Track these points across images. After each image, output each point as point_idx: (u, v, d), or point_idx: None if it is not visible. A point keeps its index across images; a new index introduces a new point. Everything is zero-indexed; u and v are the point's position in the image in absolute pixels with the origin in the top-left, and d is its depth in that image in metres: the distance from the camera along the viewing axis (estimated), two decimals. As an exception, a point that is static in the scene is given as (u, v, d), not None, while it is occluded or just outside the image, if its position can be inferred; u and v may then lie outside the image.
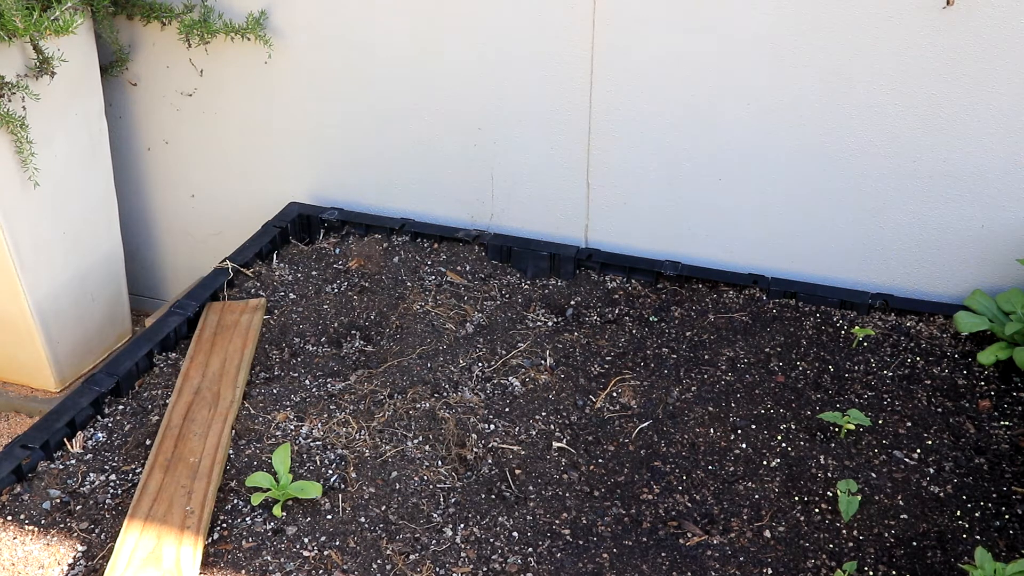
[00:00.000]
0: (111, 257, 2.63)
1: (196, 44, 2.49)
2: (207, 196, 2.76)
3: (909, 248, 2.18)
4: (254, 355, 2.05)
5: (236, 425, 1.86)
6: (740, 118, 2.16)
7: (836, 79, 2.07)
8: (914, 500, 1.71)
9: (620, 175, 2.31)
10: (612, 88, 2.22)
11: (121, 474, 1.78)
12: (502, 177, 2.41)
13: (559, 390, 1.95)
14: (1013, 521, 1.67)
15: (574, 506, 1.72)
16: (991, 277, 2.14)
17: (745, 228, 2.28)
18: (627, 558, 1.62)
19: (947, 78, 2.00)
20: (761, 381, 1.97)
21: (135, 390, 1.98)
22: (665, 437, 1.86)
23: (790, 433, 1.85)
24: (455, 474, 1.78)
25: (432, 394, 1.92)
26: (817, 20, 2.02)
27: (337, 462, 1.79)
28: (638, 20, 2.14)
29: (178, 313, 2.14)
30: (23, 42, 2.21)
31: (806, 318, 2.13)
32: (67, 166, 2.40)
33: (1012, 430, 1.85)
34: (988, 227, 2.11)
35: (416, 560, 1.61)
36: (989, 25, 1.93)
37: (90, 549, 1.63)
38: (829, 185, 2.17)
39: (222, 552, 1.62)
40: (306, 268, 2.32)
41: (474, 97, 2.34)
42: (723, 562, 1.61)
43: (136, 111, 2.69)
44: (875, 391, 1.94)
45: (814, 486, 1.74)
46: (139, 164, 2.77)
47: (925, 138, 2.06)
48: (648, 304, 2.20)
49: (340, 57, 2.40)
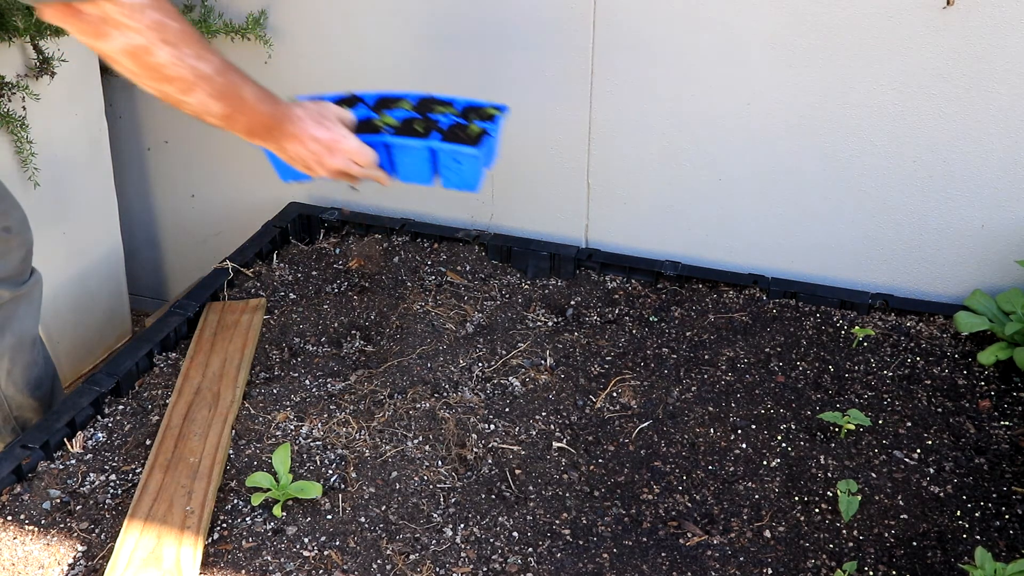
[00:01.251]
0: (111, 257, 2.63)
1: (196, 44, 2.49)
2: (207, 196, 2.76)
3: (909, 248, 2.18)
4: (254, 355, 2.05)
5: (236, 425, 1.87)
6: (740, 118, 2.16)
7: (836, 79, 2.07)
8: (914, 500, 1.71)
9: (620, 175, 2.32)
10: (612, 88, 2.22)
11: (121, 474, 1.78)
12: (502, 177, 2.41)
13: (559, 390, 1.95)
14: (1013, 521, 1.67)
15: (574, 506, 1.72)
16: (991, 277, 2.14)
17: (745, 228, 2.28)
18: (627, 558, 1.62)
19: (947, 78, 2.00)
20: (761, 381, 1.97)
21: (135, 390, 1.98)
22: (665, 437, 1.86)
23: (790, 433, 1.85)
24: (455, 474, 1.78)
25: (432, 394, 1.92)
26: (817, 20, 2.02)
27: (337, 462, 1.79)
28: (637, 19, 2.14)
29: (178, 313, 2.14)
30: (23, 42, 2.21)
31: (806, 318, 2.13)
32: (67, 166, 2.40)
33: (1012, 430, 1.85)
34: (988, 227, 2.11)
35: (416, 560, 1.61)
36: (989, 25, 1.93)
37: (90, 549, 1.63)
38: (829, 185, 2.17)
39: (222, 552, 1.62)
40: (306, 268, 2.32)
41: (475, 97, 2.34)
42: (723, 562, 1.61)
43: (136, 111, 2.69)
44: (875, 391, 1.94)
45: (814, 486, 1.74)
46: (139, 164, 2.77)
47: (925, 138, 2.06)
48: (648, 304, 2.20)
49: (340, 57, 2.40)
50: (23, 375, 2.01)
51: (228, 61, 1.57)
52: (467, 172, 1.76)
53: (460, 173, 1.76)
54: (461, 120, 1.82)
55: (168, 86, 1.50)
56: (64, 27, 1.43)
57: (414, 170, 1.77)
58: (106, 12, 1.39)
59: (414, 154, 1.74)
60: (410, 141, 1.74)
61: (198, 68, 1.49)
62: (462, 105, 1.89)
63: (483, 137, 1.77)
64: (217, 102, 1.54)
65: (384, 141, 1.73)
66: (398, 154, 1.76)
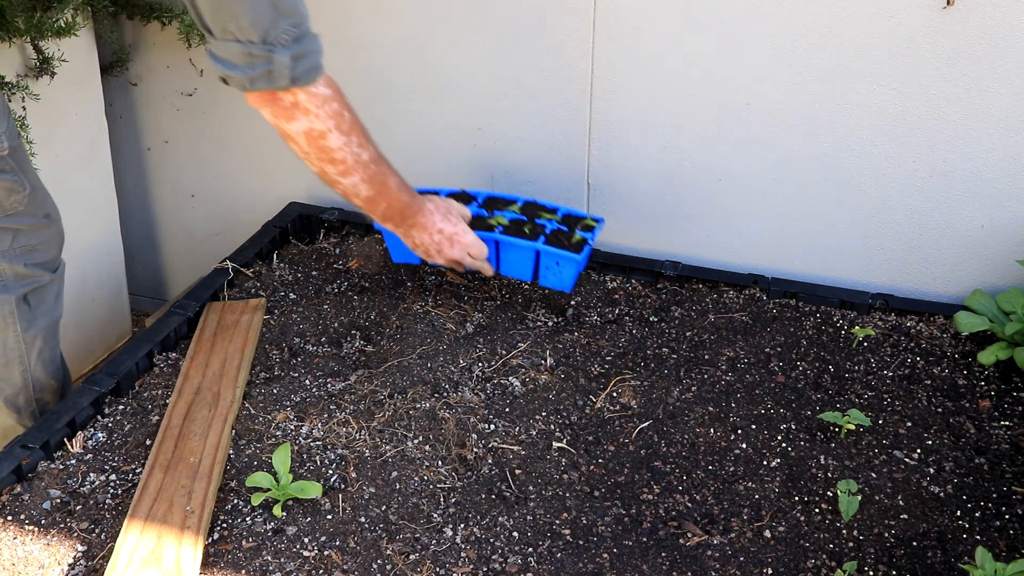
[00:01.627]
0: (111, 257, 2.63)
1: (196, 44, 2.49)
2: (207, 196, 2.76)
3: (909, 248, 2.18)
4: (254, 355, 2.05)
5: (236, 425, 1.87)
6: (740, 118, 2.17)
7: (836, 79, 2.07)
8: (914, 500, 1.71)
9: (620, 175, 2.32)
10: (612, 88, 2.22)
11: (121, 474, 1.78)
12: (502, 177, 2.41)
13: (559, 390, 1.95)
14: (1013, 521, 1.67)
15: (574, 506, 1.72)
16: (991, 277, 2.14)
17: (745, 228, 2.28)
18: (627, 558, 1.62)
19: (947, 78, 2.00)
20: (761, 381, 1.97)
21: (135, 390, 1.98)
22: (665, 437, 1.86)
23: (790, 433, 1.85)
24: (455, 474, 1.78)
25: (432, 394, 1.92)
26: (817, 19, 2.03)
27: (337, 462, 1.79)
28: (637, 19, 2.14)
29: (178, 313, 2.14)
30: (23, 42, 2.21)
31: (806, 318, 2.13)
32: (67, 166, 2.40)
33: (1012, 430, 1.85)
34: (988, 227, 2.11)
35: (416, 560, 1.61)
36: (989, 25, 1.93)
37: (90, 549, 1.63)
38: (829, 185, 2.17)
39: (222, 552, 1.62)
40: (306, 268, 2.33)
41: (475, 97, 2.34)
42: (723, 562, 1.61)
43: (136, 111, 2.70)
44: (875, 391, 1.94)
45: (814, 486, 1.74)
46: (139, 164, 2.77)
47: (925, 138, 2.07)
48: (648, 304, 2.20)
49: (340, 57, 2.40)
50: (49, 356, 2.09)
51: (380, 152, 1.83)
52: (565, 274, 1.99)
53: (559, 274, 2.00)
54: (563, 227, 2.06)
55: (330, 166, 1.77)
56: (260, 109, 1.70)
57: (518, 266, 2.03)
58: (298, 100, 1.68)
59: (521, 253, 1.99)
60: (520, 242, 1.98)
61: (359, 155, 1.78)
62: (563, 212, 2.13)
63: (584, 246, 2.01)
64: (367, 186, 1.82)
65: (497, 238, 1.98)
66: (506, 251, 2.02)
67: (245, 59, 1.61)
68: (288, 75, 1.63)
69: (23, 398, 2.07)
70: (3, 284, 1.95)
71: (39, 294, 2.02)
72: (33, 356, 2.04)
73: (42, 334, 2.04)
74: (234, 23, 1.58)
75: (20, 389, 2.05)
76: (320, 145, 1.74)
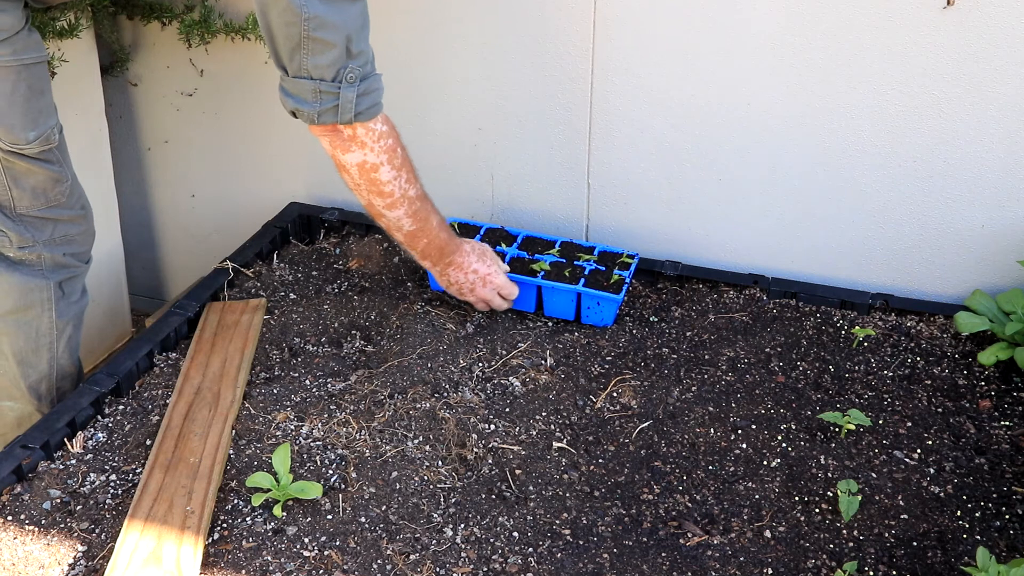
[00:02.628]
0: (111, 257, 2.63)
1: (196, 44, 2.49)
2: (207, 196, 2.76)
3: (909, 248, 2.18)
4: (254, 355, 2.05)
5: (236, 425, 1.87)
6: (740, 118, 2.16)
7: (836, 79, 2.07)
8: (914, 500, 1.71)
9: (620, 175, 2.32)
10: (612, 88, 2.22)
11: (121, 474, 1.78)
12: (502, 177, 2.41)
13: (559, 390, 1.95)
14: (1013, 521, 1.67)
15: (574, 506, 1.72)
16: (991, 277, 2.14)
17: (745, 228, 2.28)
18: (627, 558, 1.62)
19: (947, 78, 2.00)
20: (761, 381, 1.97)
21: (135, 390, 1.98)
22: (665, 437, 1.86)
23: (790, 433, 1.85)
24: (455, 474, 1.78)
25: (432, 394, 1.92)
26: (817, 19, 2.03)
27: (337, 462, 1.79)
28: (637, 19, 2.14)
29: (178, 313, 2.14)
30: (23, 42, 2.21)
31: (806, 318, 2.14)
32: (67, 166, 2.40)
33: (1012, 430, 1.85)
34: (988, 227, 2.11)
35: (416, 560, 1.61)
36: (989, 25, 1.93)
37: (90, 549, 1.63)
38: (829, 185, 2.17)
39: (222, 552, 1.62)
40: (306, 268, 2.33)
41: (474, 97, 2.34)
42: (723, 562, 1.61)
43: (136, 111, 2.69)
44: (875, 391, 1.94)
45: (814, 486, 1.74)
46: (139, 164, 2.77)
47: (925, 138, 2.07)
48: (648, 304, 2.20)
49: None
50: (75, 345, 2.15)
51: (425, 191, 1.94)
52: (605, 312, 2.11)
53: (600, 312, 2.11)
54: (600, 267, 2.16)
55: (378, 199, 1.88)
56: (320, 138, 1.81)
57: (561, 307, 2.14)
58: (356, 133, 1.79)
59: (564, 295, 2.11)
60: (563, 286, 2.10)
61: (406, 190, 1.88)
62: (600, 250, 2.24)
63: (622, 286, 2.11)
64: (410, 220, 1.92)
65: (539, 283, 2.10)
66: (549, 294, 2.13)
67: (315, 95, 1.73)
68: (352, 110, 1.75)
69: (45, 386, 2.10)
70: (42, 271, 2.01)
71: (72, 283, 2.09)
72: (62, 343, 2.09)
73: (72, 322, 2.10)
74: (311, 63, 1.70)
75: (44, 376, 2.08)
76: (371, 177, 1.84)
